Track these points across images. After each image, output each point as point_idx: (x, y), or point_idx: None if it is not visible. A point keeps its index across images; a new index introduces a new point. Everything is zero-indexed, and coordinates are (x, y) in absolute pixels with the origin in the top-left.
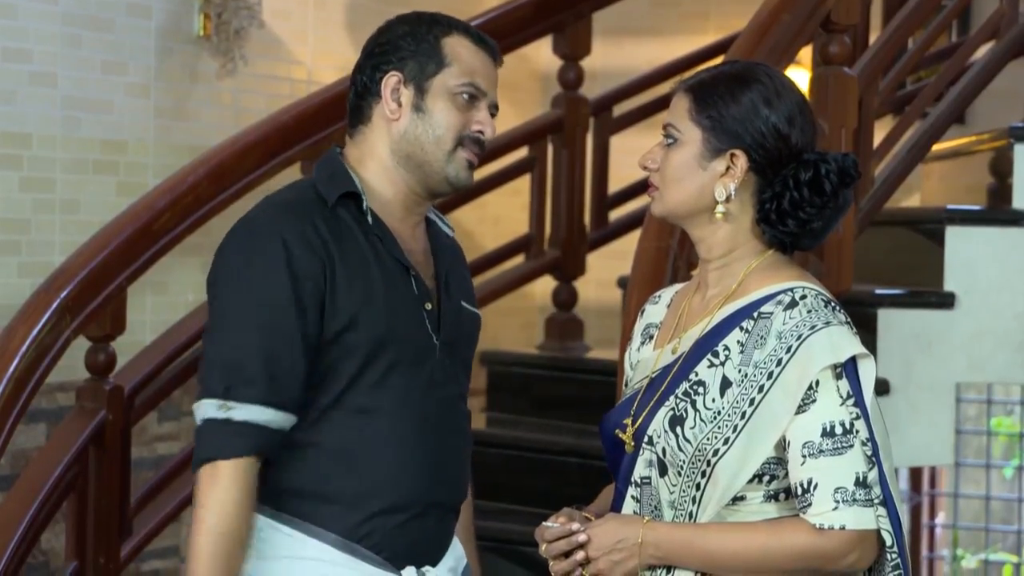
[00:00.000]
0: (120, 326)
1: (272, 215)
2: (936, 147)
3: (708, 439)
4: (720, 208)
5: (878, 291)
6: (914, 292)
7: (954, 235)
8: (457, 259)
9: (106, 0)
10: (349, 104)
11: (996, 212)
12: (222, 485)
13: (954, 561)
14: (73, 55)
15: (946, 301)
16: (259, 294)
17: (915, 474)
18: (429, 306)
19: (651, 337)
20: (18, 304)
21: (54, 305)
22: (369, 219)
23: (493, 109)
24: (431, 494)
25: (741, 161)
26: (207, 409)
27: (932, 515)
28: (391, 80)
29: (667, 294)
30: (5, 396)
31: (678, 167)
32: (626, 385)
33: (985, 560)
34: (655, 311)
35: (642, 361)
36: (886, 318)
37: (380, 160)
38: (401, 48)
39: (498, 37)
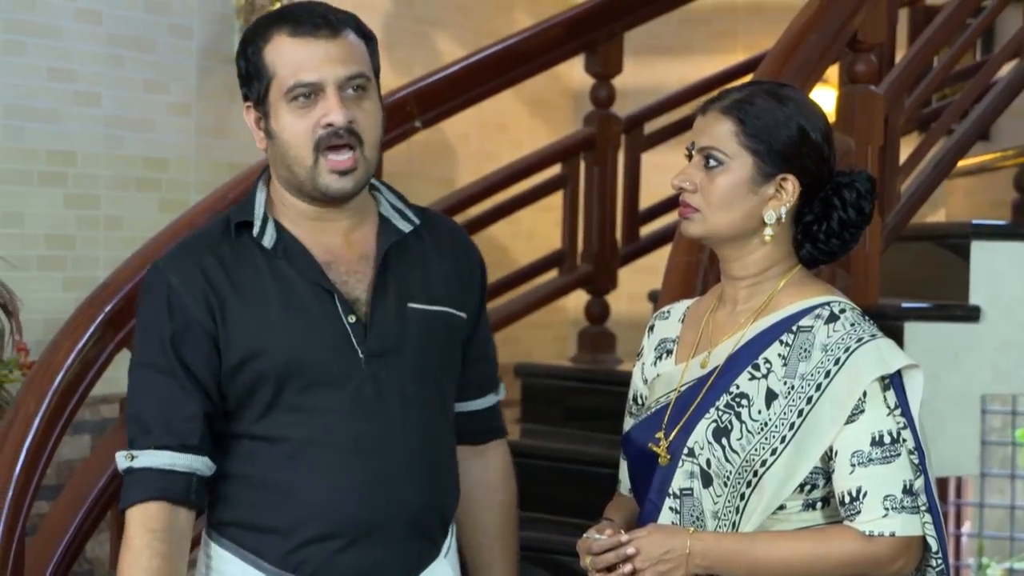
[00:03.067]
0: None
1: (167, 257)
2: (961, 163)
3: (756, 450)
4: (769, 231)
5: (905, 305)
6: (940, 306)
7: (979, 249)
8: (419, 254)
9: (149, 21)
10: None
11: (1021, 227)
12: (131, 533)
13: (979, 570)
14: (116, 75)
15: (971, 314)
16: (147, 340)
17: (941, 484)
18: (353, 319)
19: (669, 352)
20: (63, 318)
21: (98, 319)
22: (268, 244)
23: (348, 84)
24: (369, 518)
25: (792, 185)
26: (119, 461)
27: (958, 524)
28: (249, 113)
29: (677, 309)
30: (51, 408)
31: (727, 192)
32: (636, 400)
33: (1010, 569)
34: (667, 326)
35: (662, 376)
36: (912, 331)
37: (277, 183)
38: (241, 76)
39: (531, 56)
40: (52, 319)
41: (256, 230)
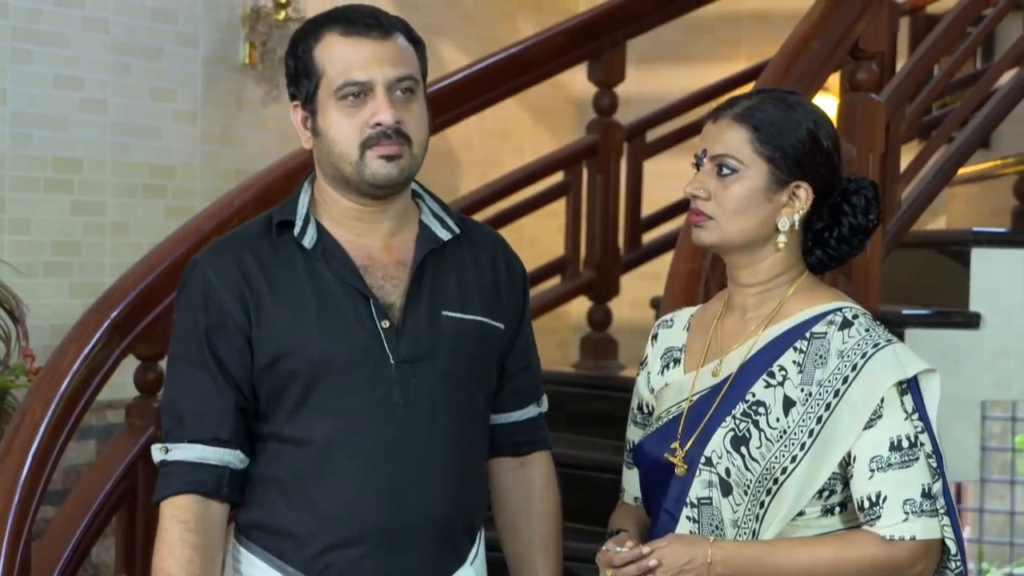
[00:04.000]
0: (168, 345)
1: (206, 252)
2: (961, 171)
3: (776, 457)
4: (782, 238)
5: (905, 311)
6: (940, 312)
7: (979, 257)
8: (456, 263)
9: (155, 29)
10: None
11: (1020, 234)
12: (163, 525)
13: (980, 574)
14: (123, 83)
15: (972, 321)
16: (184, 334)
17: None
18: (386, 324)
19: (676, 361)
20: (69, 324)
21: (104, 325)
22: (308, 244)
23: (397, 85)
24: (393, 524)
25: (805, 192)
26: (154, 454)
27: None
28: (296, 112)
29: (681, 317)
30: (57, 413)
31: (743, 199)
32: (641, 409)
33: (1010, 573)
34: (671, 335)
35: (671, 385)
36: (913, 337)
37: (320, 181)
38: (289, 75)
39: (535, 65)
40: (58, 325)
41: (297, 230)
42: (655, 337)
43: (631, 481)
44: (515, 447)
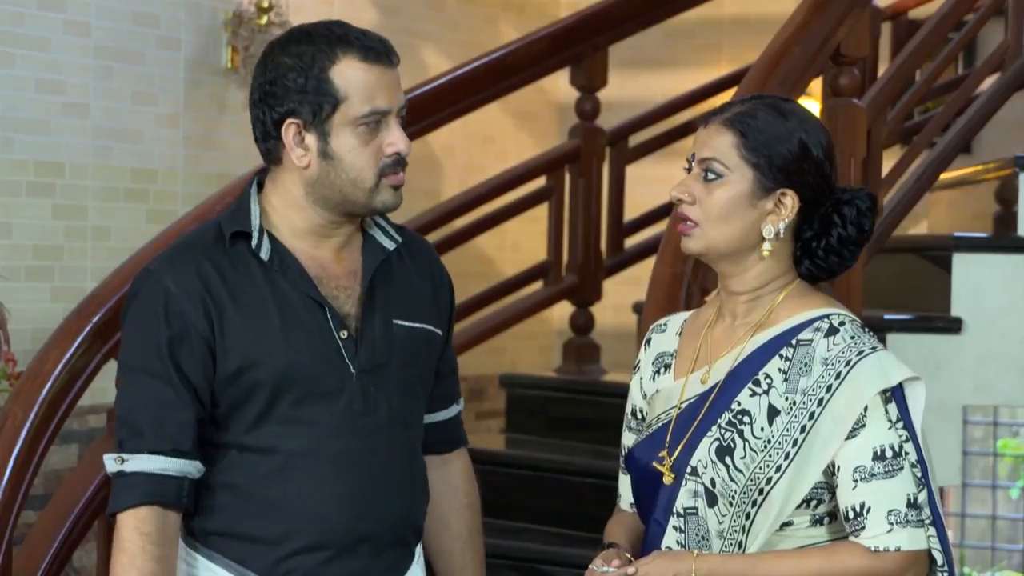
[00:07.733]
0: None
1: (161, 260)
2: (943, 176)
3: (761, 468)
4: (767, 246)
5: (887, 316)
6: (922, 317)
7: (961, 262)
8: (401, 272)
9: (137, 33)
10: (257, 144)
11: (1002, 239)
12: (123, 536)
13: None
14: (105, 86)
15: (953, 326)
16: (141, 344)
17: None
18: (344, 334)
19: (667, 367)
20: (51, 328)
21: (86, 330)
22: (265, 256)
23: (402, 113)
24: (357, 529)
25: (791, 200)
26: (108, 464)
27: None
28: (290, 129)
29: (674, 322)
30: (38, 418)
31: (727, 205)
32: (635, 415)
33: None
34: (664, 340)
35: (661, 391)
36: (895, 343)
37: (293, 198)
38: (290, 89)
39: (517, 69)
40: (40, 329)
41: (254, 242)
42: (648, 342)
43: (626, 487)
44: (439, 446)
